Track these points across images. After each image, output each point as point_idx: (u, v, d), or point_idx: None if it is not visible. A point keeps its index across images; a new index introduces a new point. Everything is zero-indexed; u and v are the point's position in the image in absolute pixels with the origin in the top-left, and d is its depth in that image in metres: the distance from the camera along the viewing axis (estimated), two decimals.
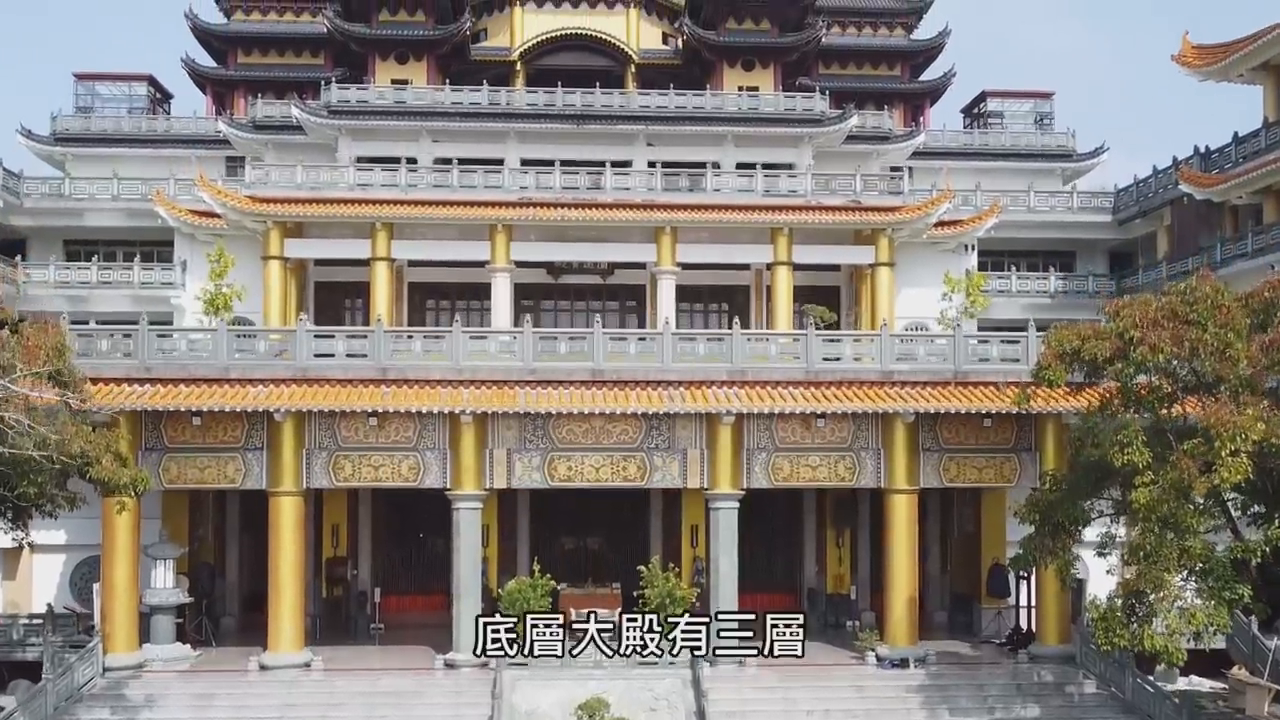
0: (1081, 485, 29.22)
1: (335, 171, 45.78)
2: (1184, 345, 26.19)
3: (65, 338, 27.20)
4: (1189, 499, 25.99)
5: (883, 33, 59.83)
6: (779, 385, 33.13)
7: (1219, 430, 24.76)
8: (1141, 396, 27.42)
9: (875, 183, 46.68)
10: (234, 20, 57.73)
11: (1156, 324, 26.38)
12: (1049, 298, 48.76)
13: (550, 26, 55.54)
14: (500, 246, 45.12)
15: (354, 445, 32.84)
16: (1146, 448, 26.49)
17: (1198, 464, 25.40)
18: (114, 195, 47.32)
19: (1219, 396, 26.18)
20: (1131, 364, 26.53)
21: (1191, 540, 26.17)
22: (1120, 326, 26.73)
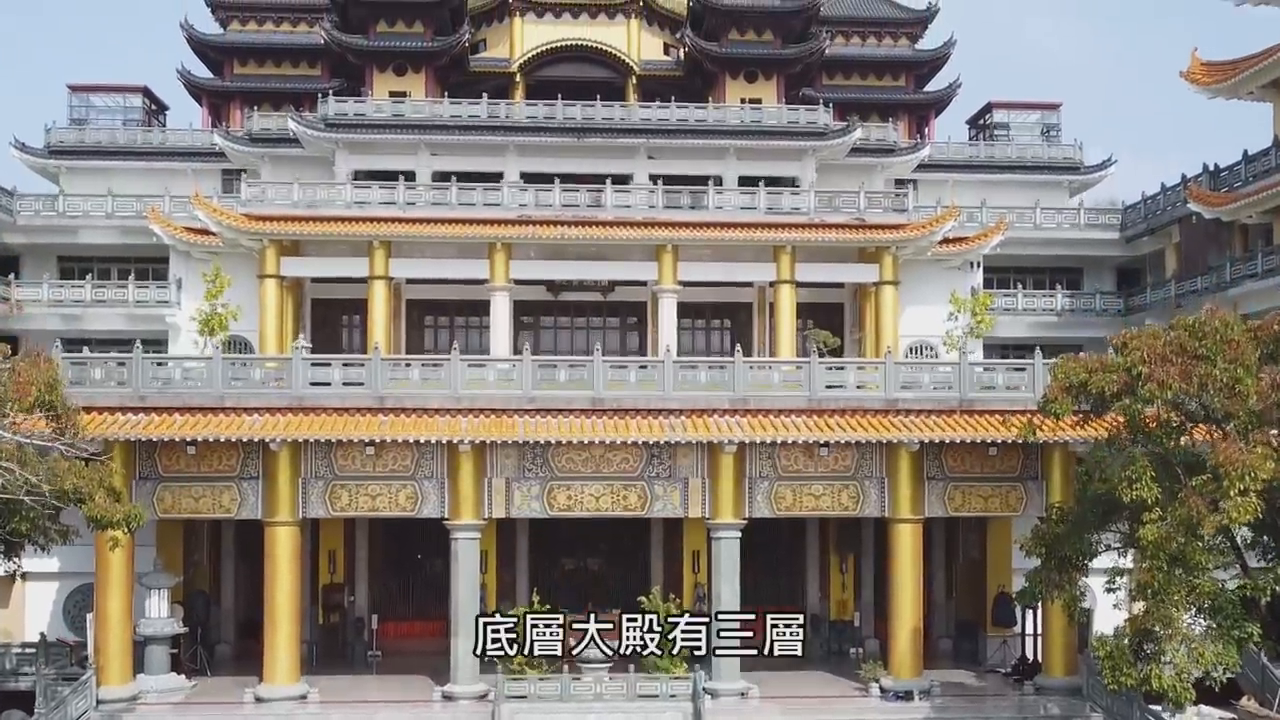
0: (1088, 519, 29.14)
1: (332, 189, 45.68)
2: (1193, 381, 26.06)
3: (57, 371, 27.13)
4: (1198, 536, 25.87)
5: (887, 43, 59.68)
6: (781, 413, 33.02)
7: (1228, 469, 24.63)
8: (1149, 430, 27.29)
9: (879, 200, 46.56)
10: (230, 31, 57.64)
11: (1165, 359, 26.26)
12: (1055, 316, 48.64)
13: (550, 38, 55.41)
14: (499, 265, 45.02)
15: (351, 474, 32.77)
16: (1155, 483, 26.38)
17: (1206, 501, 25.29)
18: (108, 213, 47.28)
19: (1228, 433, 26.06)
20: (1139, 400, 26.40)
21: (1200, 578, 26.04)
22: (1128, 361, 26.61)
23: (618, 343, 49.83)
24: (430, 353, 49.04)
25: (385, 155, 50.74)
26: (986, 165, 56.32)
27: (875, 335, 46.61)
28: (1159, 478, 26.67)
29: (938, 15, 59.62)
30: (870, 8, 60.20)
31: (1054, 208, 50.97)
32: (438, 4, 53.29)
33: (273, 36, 57.34)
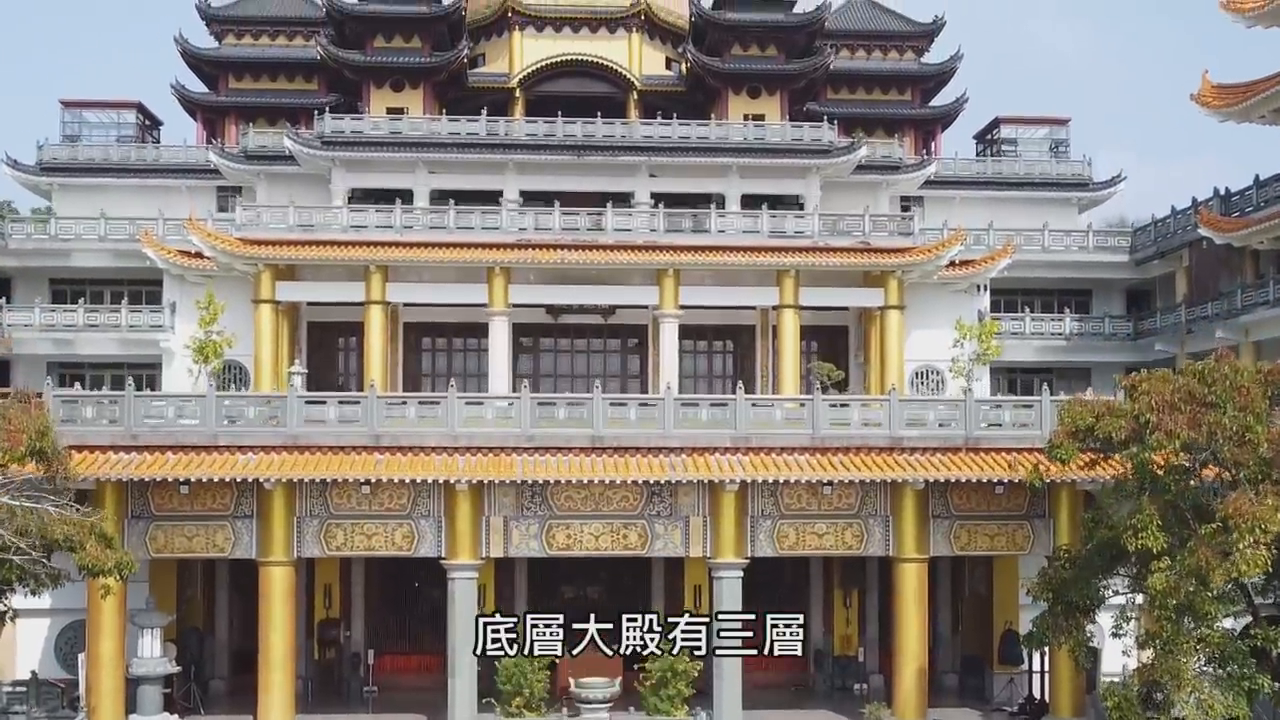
0: (1095, 563, 29.07)
1: (328, 212, 45.67)
2: (1202, 429, 25.99)
3: (49, 417, 27.10)
4: (1207, 586, 25.81)
5: (893, 57, 59.54)
6: (784, 451, 32.99)
7: (1238, 521, 24.58)
8: (1157, 475, 27.22)
9: (884, 223, 46.50)
10: (225, 45, 57.54)
11: (1173, 406, 26.19)
12: (1064, 340, 48.54)
13: (550, 53, 55.30)
14: (498, 289, 44.96)
15: (347, 513, 32.77)
16: (1162, 531, 26.35)
17: (1216, 551, 25.24)
18: (101, 236, 47.24)
19: (1238, 481, 26.00)
20: (1147, 448, 26.34)
21: (1209, 628, 26.04)
22: (1136, 409, 26.55)
23: (618, 365, 49.84)
24: (427, 376, 49.27)
25: (383, 173, 50.75)
26: (994, 182, 56.17)
27: (880, 359, 46.55)
28: (1167, 524, 26.64)
29: (944, 29, 59.53)
30: (876, 21, 60.08)
31: (1062, 230, 50.83)
32: (436, 19, 53.27)
33: (268, 51, 57.22)
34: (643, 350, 49.34)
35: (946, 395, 46.04)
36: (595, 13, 55.72)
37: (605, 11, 55.70)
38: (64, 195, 53.80)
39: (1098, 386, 50.09)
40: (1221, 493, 26.75)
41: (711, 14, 53.85)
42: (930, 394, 46.96)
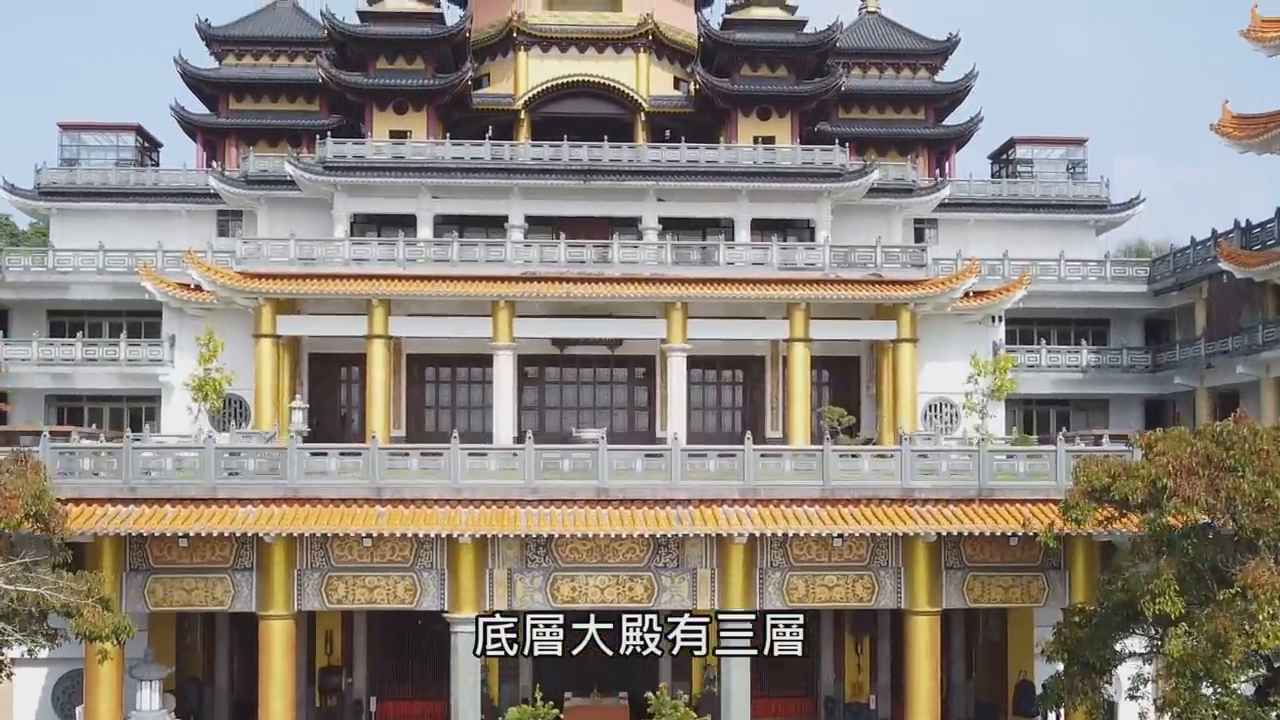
0: (1112, 621, 28.99)
1: (330, 245, 45.73)
2: (1220, 494, 25.89)
3: (45, 481, 27.17)
4: (1226, 654, 25.72)
5: (906, 75, 59.37)
6: (793, 503, 32.92)
7: (1257, 592, 24.49)
8: (1175, 537, 27.12)
9: (897, 255, 46.39)
10: (225, 65, 57.61)
11: (1190, 471, 26.07)
12: (1080, 372, 48.40)
13: (556, 74, 55.21)
14: (503, 323, 45.02)
15: (348, 565, 32.81)
16: (1180, 596, 26.29)
17: (1235, 620, 25.15)
18: (99, 268, 47.33)
19: (1258, 547, 25.89)
20: (1165, 513, 26.24)
21: (1229, 697, 25.94)
22: (1153, 473, 26.43)
23: (625, 397, 49.90)
24: (430, 409, 49.36)
25: (386, 198, 50.83)
26: (1009, 204, 56.02)
27: (893, 392, 46.52)
28: (1184, 586, 26.58)
29: (958, 46, 59.35)
30: (889, 39, 59.93)
31: (1079, 260, 50.64)
32: (439, 41, 53.25)
33: (269, 71, 57.28)
34: (650, 381, 49.38)
35: (960, 430, 46.13)
36: (602, 33, 55.65)
37: (612, 32, 55.63)
38: (62, 220, 53.94)
39: (1115, 419, 50.24)
40: (1240, 556, 26.62)
41: (720, 35, 53.73)
42: (944, 427, 46.98)
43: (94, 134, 56.58)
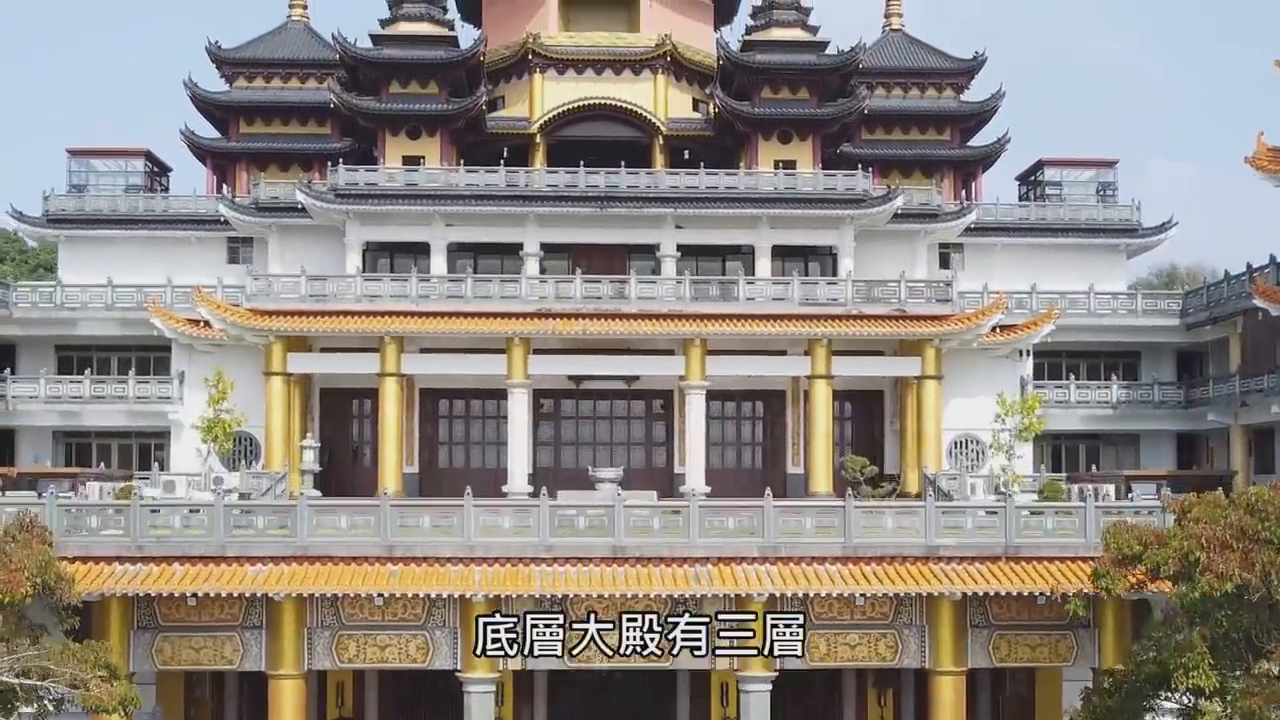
0: (1143, 691, 28.72)
1: (342, 281, 45.74)
2: (1255, 568, 25.57)
3: (51, 550, 27.17)
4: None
5: (931, 95, 58.97)
6: (815, 561, 32.65)
7: None
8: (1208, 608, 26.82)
9: (922, 289, 46.14)
10: (236, 88, 57.62)
11: (1224, 545, 25.76)
12: (1111, 408, 47.98)
13: (572, 97, 55.07)
14: (517, 359, 44.96)
15: (359, 623, 32.69)
16: (1214, 670, 26.04)
17: (1270, 700, 24.89)
18: (108, 304, 47.41)
19: None
20: (1197, 588, 25.94)
21: None
22: (1185, 546, 26.14)
23: (643, 433, 49.80)
24: (444, 444, 49.31)
25: (399, 226, 50.83)
26: (1037, 228, 55.59)
27: (917, 428, 46.29)
28: (1218, 656, 26.32)
29: (985, 64, 58.92)
30: (913, 57, 59.54)
31: (1108, 293, 50.18)
32: (453, 65, 53.20)
33: (280, 94, 57.22)
34: (668, 415, 49.26)
35: (986, 467, 45.84)
36: (619, 54, 55.51)
37: (629, 53, 55.47)
38: (70, 247, 54.10)
39: (1147, 454, 49.83)
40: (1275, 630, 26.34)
41: (740, 57, 53.49)
42: (970, 464, 46.74)
43: (102, 160, 56.62)
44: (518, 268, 50.56)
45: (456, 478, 48.50)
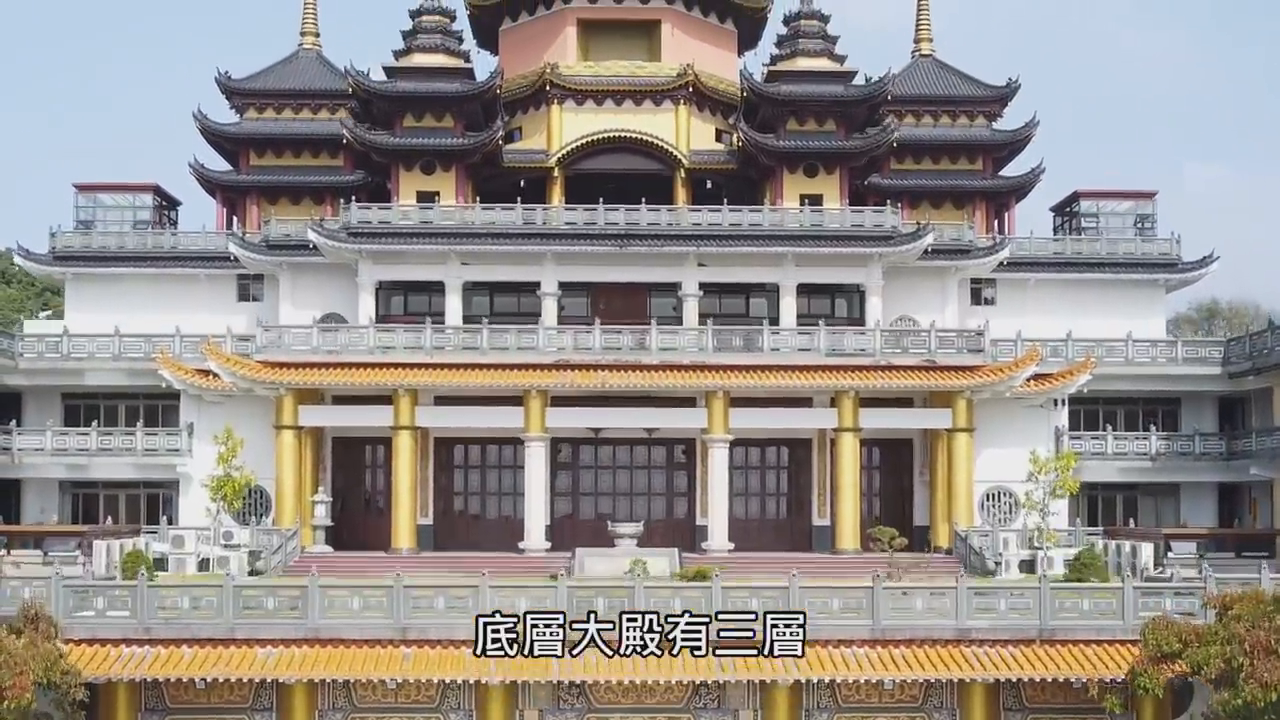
0: None
1: (354, 333, 45.74)
2: None
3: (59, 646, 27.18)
4: None
5: (962, 123, 58.41)
6: (842, 644, 32.40)
7: None
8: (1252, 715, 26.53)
9: (953, 339, 45.78)
10: (246, 119, 57.54)
11: (1269, 651, 25.51)
12: (1149, 460, 47.45)
13: (591, 129, 54.74)
14: (535, 412, 44.83)
15: (371, 706, 32.74)
16: None
17: None
18: (115, 354, 47.41)
19: None
20: (1240, 695, 25.66)
21: None
22: (1227, 651, 25.85)
23: (664, 483, 49.66)
24: (460, 495, 49.20)
25: (413, 264, 50.74)
26: (1073, 263, 54.93)
27: (947, 480, 46.00)
28: None
29: (1018, 91, 58.36)
30: (944, 84, 59.04)
31: (1147, 340, 49.52)
32: (469, 98, 52.98)
33: (291, 125, 57.06)
34: (690, 464, 49.05)
35: (1019, 521, 45.46)
36: (639, 85, 55.18)
37: (650, 84, 55.14)
38: (78, 285, 54.12)
39: (1187, 506, 49.36)
40: None
41: (765, 89, 53.10)
42: (1003, 517, 46.41)
43: (111, 194, 56.66)
44: (535, 306, 50.48)
45: (472, 528, 48.67)
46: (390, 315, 52.34)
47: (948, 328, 47.86)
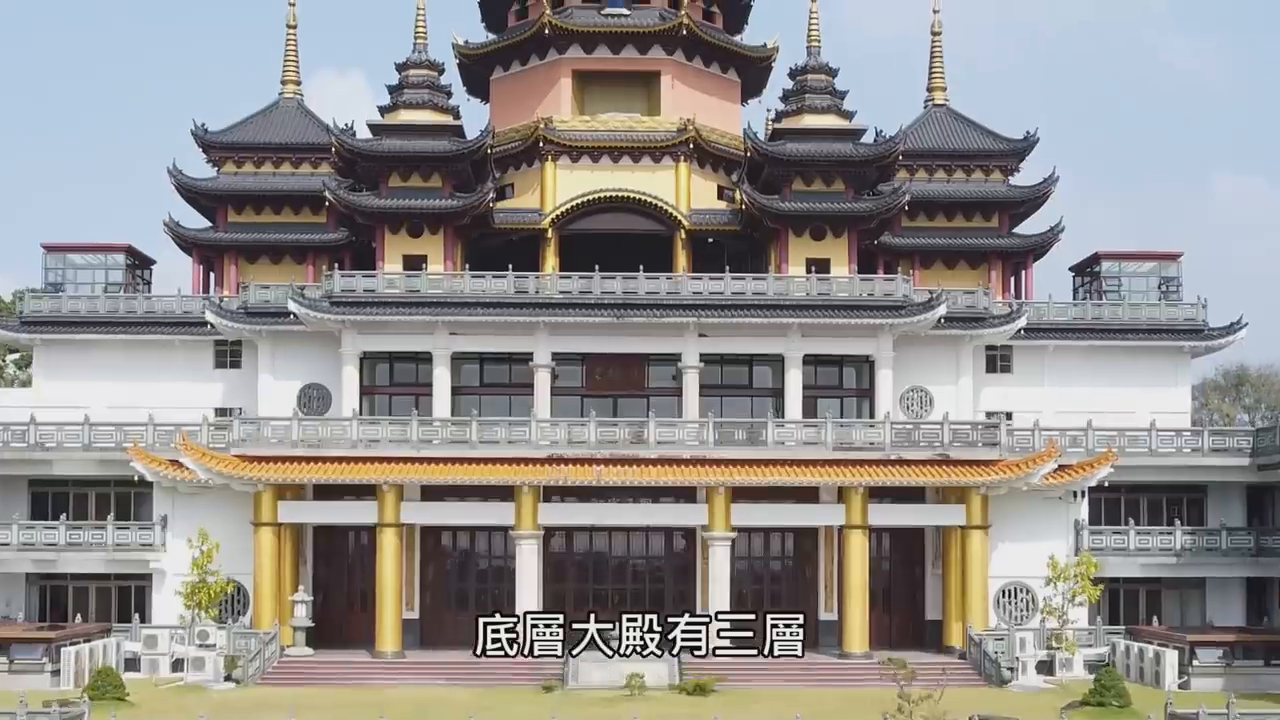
0: None
1: (338, 425, 45.00)
2: None
3: None
4: None
5: (977, 178, 57.41)
6: None
7: None
8: None
9: (967, 433, 44.89)
10: (224, 173, 56.52)
11: None
12: (1174, 556, 46.50)
13: (587, 188, 53.69)
14: (526, 509, 44.08)
15: None
16: None
17: None
18: (85, 444, 46.43)
19: None
20: None
21: None
22: None
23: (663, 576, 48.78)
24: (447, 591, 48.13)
25: (399, 335, 49.88)
26: (1093, 328, 53.87)
27: (961, 577, 45.26)
28: None
29: (1036, 145, 57.37)
30: (959, 137, 58.02)
31: (1171, 430, 48.36)
32: (458, 157, 51.99)
33: (271, 180, 56.01)
34: (689, 553, 48.12)
35: (1037, 618, 44.73)
36: (638, 140, 54.25)
37: (649, 140, 54.20)
38: (47, 352, 53.16)
39: (1213, 601, 48.54)
40: None
41: (769, 148, 52.04)
42: (1020, 614, 45.65)
43: (81, 254, 55.61)
44: (527, 376, 49.70)
45: (461, 623, 47.55)
46: (375, 386, 51.56)
47: (962, 419, 46.95)
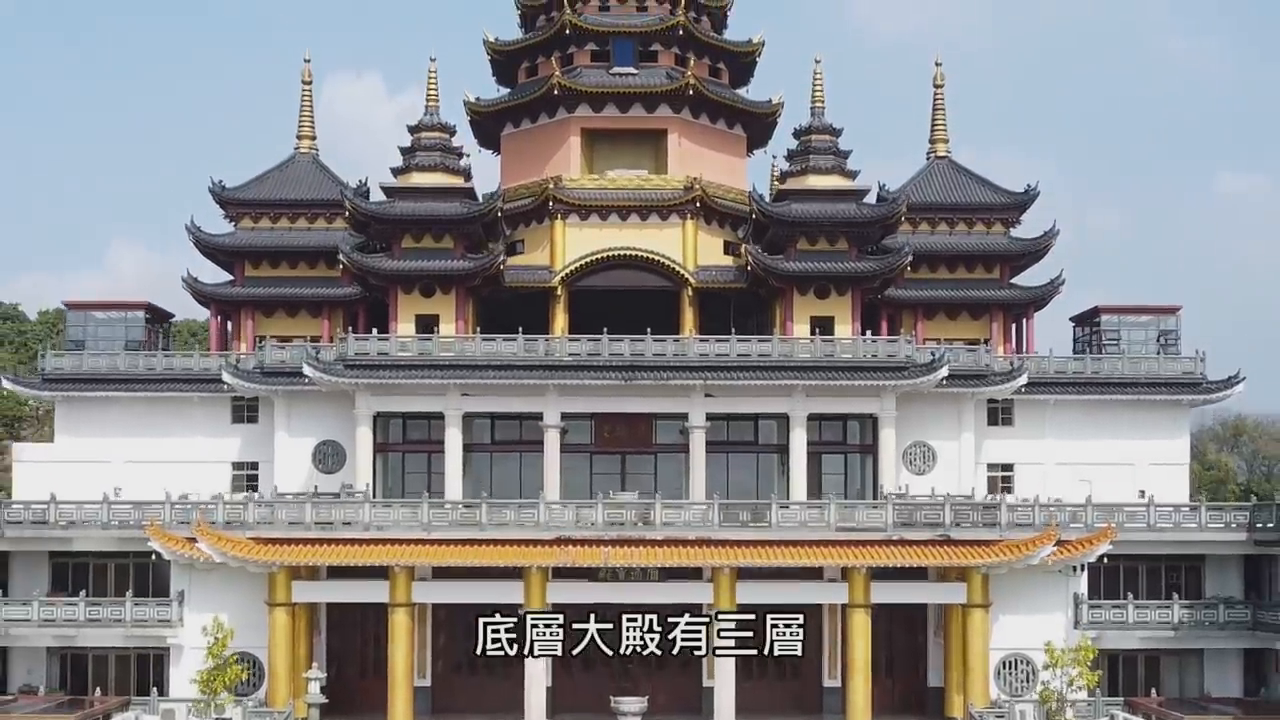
0: None
1: (350, 508, 43.73)
2: None
3: None
4: None
5: (979, 230, 55.88)
6: None
7: None
8: None
9: (968, 513, 43.54)
10: (241, 228, 55.36)
11: None
12: (1172, 629, 45.12)
13: (596, 246, 52.27)
14: (535, 588, 42.99)
15: None
16: None
17: None
18: (104, 522, 45.17)
19: None
20: None
21: None
22: None
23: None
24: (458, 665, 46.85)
25: (411, 396, 48.79)
26: (1093, 382, 52.46)
27: (962, 651, 44.17)
28: None
29: (1037, 198, 55.72)
30: (961, 190, 56.41)
31: (1169, 505, 46.81)
32: (468, 220, 50.57)
33: (287, 236, 55.01)
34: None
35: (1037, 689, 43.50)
36: (645, 199, 52.77)
37: (656, 198, 52.74)
38: (68, 409, 52.17)
39: (1211, 672, 47.29)
40: None
41: (774, 210, 50.56)
42: (1020, 686, 44.48)
43: (103, 311, 54.48)
44: (538, 433, 48.63)
45: (471, 690, 46.83)
46: (389, 444, 50.68)
47: (963, 497, 45.64)
